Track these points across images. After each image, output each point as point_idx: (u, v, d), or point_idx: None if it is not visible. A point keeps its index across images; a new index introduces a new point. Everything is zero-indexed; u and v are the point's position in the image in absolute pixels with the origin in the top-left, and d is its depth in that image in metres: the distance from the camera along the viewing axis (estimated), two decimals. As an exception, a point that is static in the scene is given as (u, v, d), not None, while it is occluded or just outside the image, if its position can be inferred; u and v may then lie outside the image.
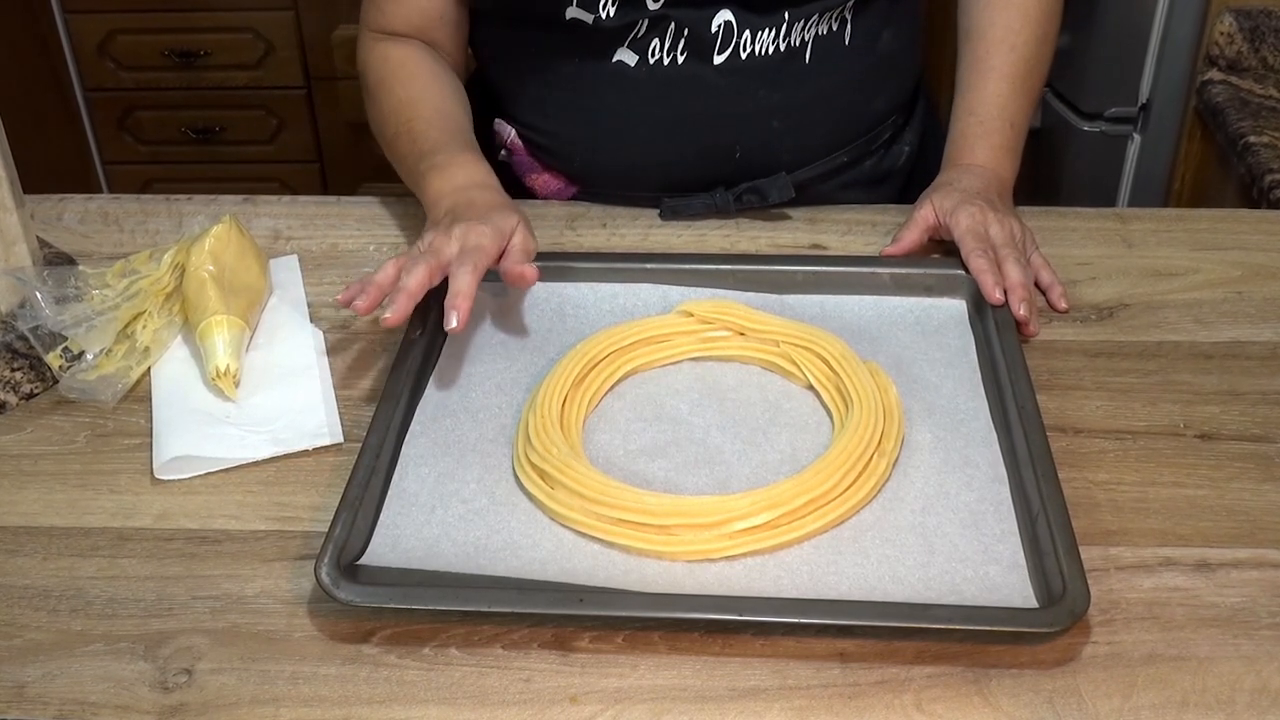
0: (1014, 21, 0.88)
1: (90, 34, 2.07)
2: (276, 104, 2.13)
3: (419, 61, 0.90)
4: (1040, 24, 0.89)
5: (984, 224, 0.80)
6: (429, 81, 0.89)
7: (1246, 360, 0.76)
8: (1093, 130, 1.50)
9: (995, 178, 0.85)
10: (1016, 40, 0.88)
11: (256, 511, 0.67)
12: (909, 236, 0.82)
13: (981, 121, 0.87)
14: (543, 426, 0.67)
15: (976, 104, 0.88)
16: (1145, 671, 0.56)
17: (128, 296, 0.77)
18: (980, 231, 0.79)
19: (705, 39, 0.84)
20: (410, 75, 0.89)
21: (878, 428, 0.66)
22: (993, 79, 0.88)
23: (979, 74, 0.88)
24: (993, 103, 0.87)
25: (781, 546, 0.62)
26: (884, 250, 0.83)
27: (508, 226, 0.76)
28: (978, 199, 0.82)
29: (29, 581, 0.63)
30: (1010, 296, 0.76)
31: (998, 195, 0.84)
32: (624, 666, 0.57)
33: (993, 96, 0.87)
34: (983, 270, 0.76)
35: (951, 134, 0.89)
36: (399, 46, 0.90)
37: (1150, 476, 0.67)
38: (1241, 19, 1.34)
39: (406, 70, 0.89)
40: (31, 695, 0.57)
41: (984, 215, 0.80)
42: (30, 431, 0.73)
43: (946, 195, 0.83)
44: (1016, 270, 0.77)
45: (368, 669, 0.57)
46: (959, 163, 0.87)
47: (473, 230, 0.74)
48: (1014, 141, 0.88)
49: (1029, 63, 0.88)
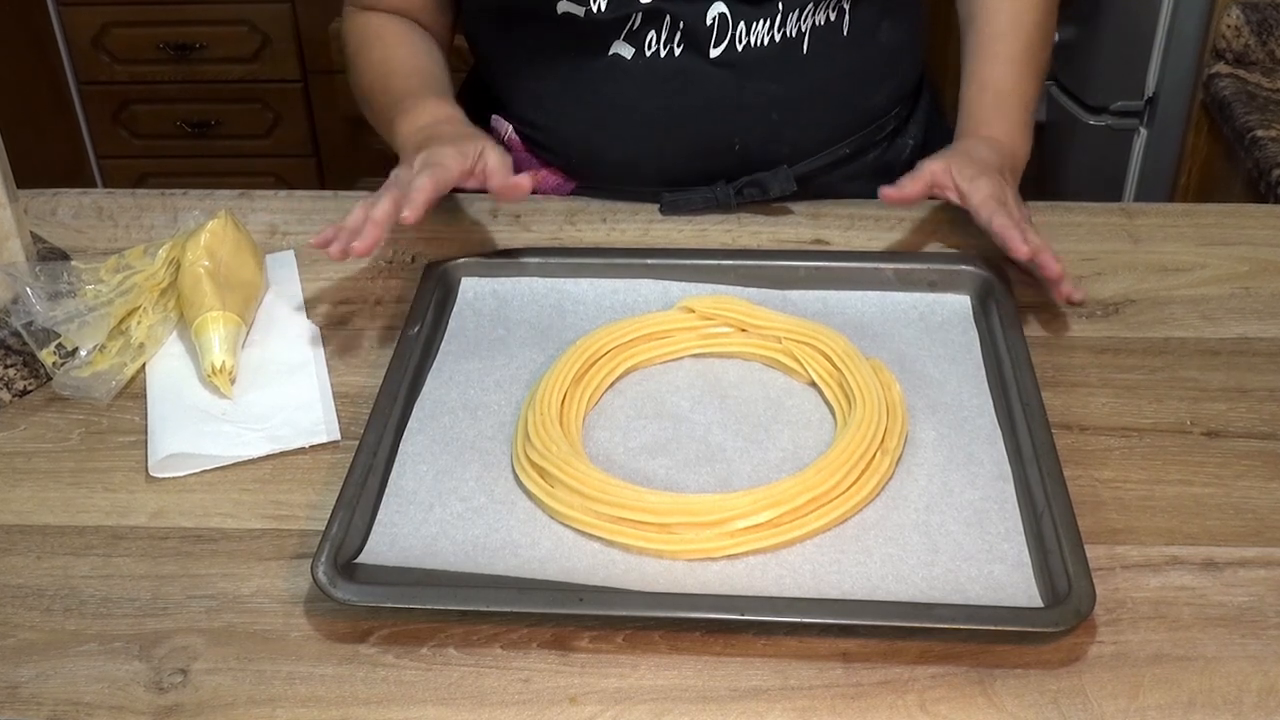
0: (1018, 5, 0.88)
1: (84, 27, 2.06)
2: (272, 98, 2.12)
3: (398, 29, 0.92)
4: (1042, 9, 0.89)
5: (1004, 195, 0.79)
6: (406, 44, 0.91)
7: (1254, 357, 0.75)
8: (1098, 124, 1.49)
9: (1011, 154, 0.84)
10: (1022, 22, 0.88)
11: (252, 510, 0.66)
12: (913, 187, 0.79)
13: (996, 95, 0.86)
14: (542, 424, 0.67)
15: (989, 81, 0.87)
16: (1151, 671, 0.56)
17: (121, 292, 0.77)
18: (1001, 198, 0.78)
19: (700, 31, 0.84)
20: (389, 38, 0.92)
21: (881, 425, 0.66)
22: (1002, 60, 0.87)
23: (988, 56, 0.88)
24: (1006, 81, 0.87)
25: (783, 545, 0.61)
26: (883, 191, 0.80)
27: (472, 148, 0.77)
28: (997, 174, 0.81)
29: (22, 580, 0.62)
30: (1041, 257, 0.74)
31: (1011, 174, 0.83)
32: (624, 666, 0.57)
33: (1005, 76, 0.87)
34: (1007, 227, 0.75)
35: (964, 109, 0.88)
36: (379, 16, 0.93)
37: (1156, 474, 0.67)
38: (1249, 12, 1.33)
39: (387, 33, 0.92)
40: (25, 696, 0.56)
41: (1004, 190, 0.79)
42: (24, 429, 0.72)
43: (965, 162, 0.80)
44: (1040, 240, 0.76)
45: (365, 669, 0.57)
46: (975, 134, 0.86)
47: (434, 153, 0.76)
48: (1027, 121, 0.87)
49: (1036, 47, 0.88)
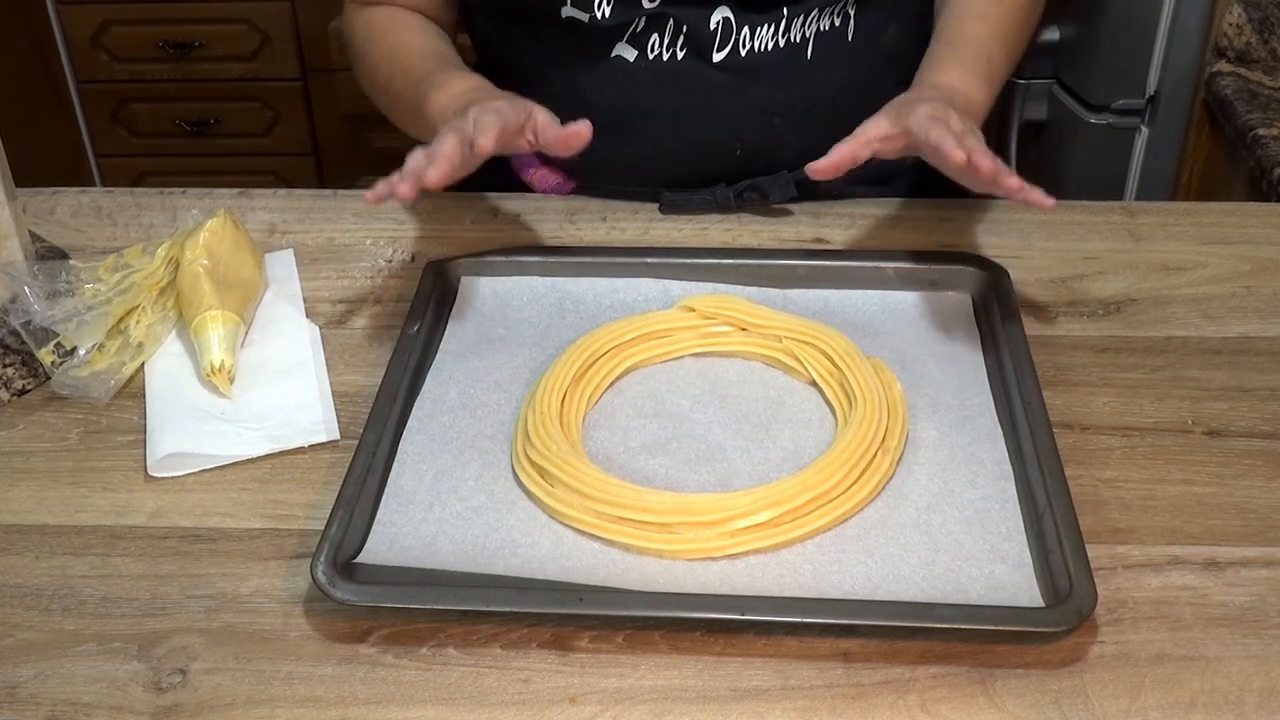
0: None
1: (83, 25, 2.05)
2: (272, 96, 2.11)
3: (407, 19, 0.91)
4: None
5: (945, 115, 0.71)
6: (419, 31, 0.90)
7: (1256, 356, 0.75)
8: (1099, 123, 1.49)
9: (964, 98, 0.77)
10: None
11: (252, 509, 0.66)
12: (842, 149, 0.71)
13: (955, 48, 0.82)
14: (542, 423, 0.66)
15: (953, 36, 0.83)
16: (1153, 672, 0.56)
17: (120, 291, 0.77)
18: (939, 116, 0.71)
19: (704, 36, 0.83)
20: (400, 28, 0.90)
21: (881, 424, 0.66)
22: (972, 21, 0.83)
23: (957, 19, 0.84)
24: (971, 37, 0.82)
25: (784, 545, 0.61)
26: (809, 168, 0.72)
27: (521, 104, 0.75)
28: (940, 100, 0.74)
29: (21, 580, 0.62)
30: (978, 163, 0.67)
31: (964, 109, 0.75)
32: (624, 667, 0.57)
33: (971, 35, 0.82)
34: (943, 136, 0.68)
35: (922, 64, 0.82)
36: (384, 9, 0.92)
37: (1158, 474, 0.66)
38: (1250, 10, 1.33)
39: (393, 24, 0.90)
40: (23, 696, 0.56)
41: (946, 111, 0.72)
42: (22, 428, 0.72)
43: (903, 104, 0.74)
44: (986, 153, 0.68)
45: (364, 669, 0.57)
46: (924, 81, 0.79)
47: (487, 105, 0.73)
48: (988, 73, 0.80)
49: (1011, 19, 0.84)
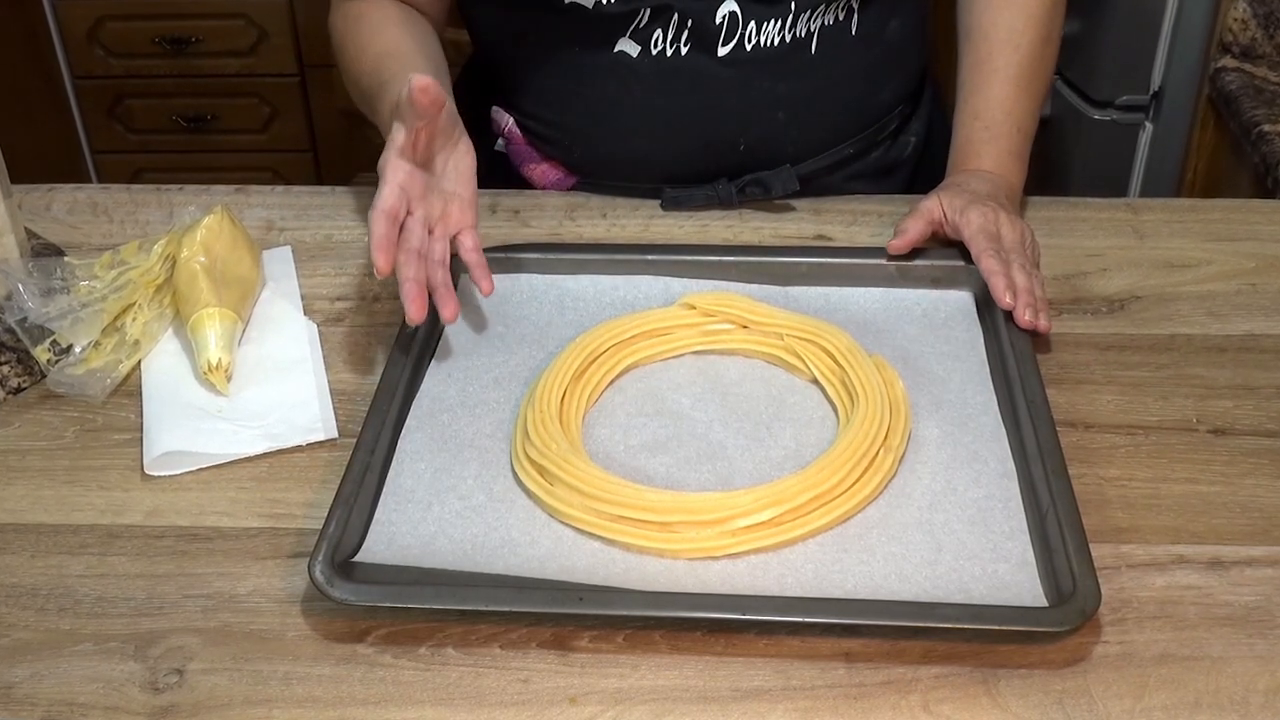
0: (1017, 22, 0.86)
1: (79, 20, 2.05)
2: (269, 92, 2.11)
3: (385, 12, 0.88)
4: (1044, 23, 0.86)
5: (996, 224, 0.78)
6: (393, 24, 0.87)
7: (1260, 354, 0.75)
8: (1104, 119, 1.49)
9: (1004, 183, 0.84)
10: (1020, 41, 0.85)
11: (249, 508, 0.66)
12: (914, 228, 0.79)
13: (988, 126, 0.85)
14: (542, 421, 0.66)
15: (982, 108, 0.86)
16: (1157, 671, 0.56)
17: (116, 288, 0.76)
18: (992, 231, 0.77)
19: (709, 29, 0.83)
20: (381, 21, 0.88)
21: (884, 423, 0.65)
22: (997, 81, 0.85)
23: (983, 76, 0.86)
24: (998, 107, 0.85)
25: (785, 544, 0.61)
26: (890, 244, 0.80)
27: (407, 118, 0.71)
28: (989, 200, 0.80)
29: (16, 580, 0.62)
30: (1016, 302, 0.73)
31: (1007, 199, 0.83)
32: (624, 667, 0.56)
33: (998, 100, 0.85)
34: (994, 272, 0.74)
35: (956, 139, 0.87)
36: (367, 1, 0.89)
37: (1162, 472, 0.66)
38: (1255, 5, 1.33)
39: (377, 17, 0.88)
40: (19, 696, 0.56)
41: (996, 216, 0.79)
42: (18, 427, 0.72)
43: (956, 194, 0.80)
44: (1024, 276, 0.75)
45: (362, 669, 0.57)
46: (965, 168, 0.85)
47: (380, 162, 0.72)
48: (1021, 147, 0.86)
49: (1033, 64, 0.86)
